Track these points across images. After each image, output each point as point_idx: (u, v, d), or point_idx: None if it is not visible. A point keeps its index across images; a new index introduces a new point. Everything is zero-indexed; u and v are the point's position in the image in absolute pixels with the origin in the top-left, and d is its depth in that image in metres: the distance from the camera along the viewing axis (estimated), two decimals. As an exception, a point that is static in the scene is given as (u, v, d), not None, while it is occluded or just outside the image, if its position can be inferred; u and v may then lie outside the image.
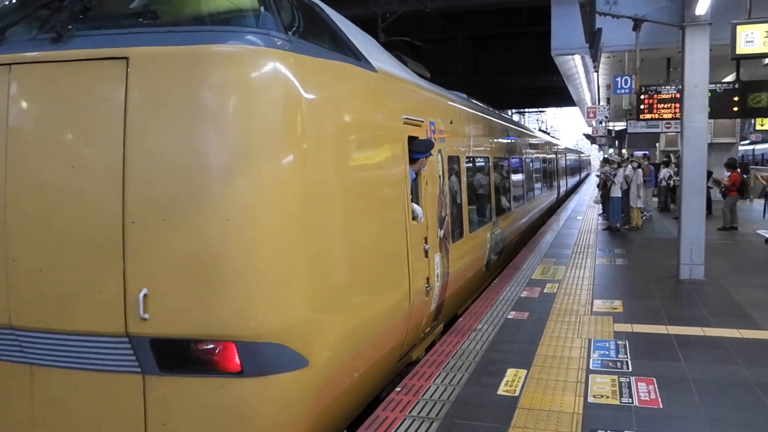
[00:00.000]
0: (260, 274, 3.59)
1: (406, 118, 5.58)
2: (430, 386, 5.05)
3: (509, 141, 13.04)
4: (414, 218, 5.49)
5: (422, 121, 6.07)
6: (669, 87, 13.45)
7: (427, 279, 5.88)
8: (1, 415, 3.98)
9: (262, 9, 3.93)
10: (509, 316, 7.19)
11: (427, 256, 5.86)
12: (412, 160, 5.62)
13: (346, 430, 4.81)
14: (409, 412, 4.56)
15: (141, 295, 3.52)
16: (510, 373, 5.32)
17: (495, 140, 11.24)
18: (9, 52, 3.80)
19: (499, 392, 4.92)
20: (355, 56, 4.80)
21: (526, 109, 57.82)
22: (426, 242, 5.87)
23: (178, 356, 3.64)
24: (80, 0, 3.90)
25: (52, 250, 3.68)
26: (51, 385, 3.84)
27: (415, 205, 5.60)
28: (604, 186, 16.70)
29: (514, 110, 51.86)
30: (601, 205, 18.66)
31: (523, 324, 6.90)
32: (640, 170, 16.17)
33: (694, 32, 8.89)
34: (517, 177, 13.51)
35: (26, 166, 3.72)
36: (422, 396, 4.86)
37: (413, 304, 5.38)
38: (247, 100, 3.60)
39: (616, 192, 15.28)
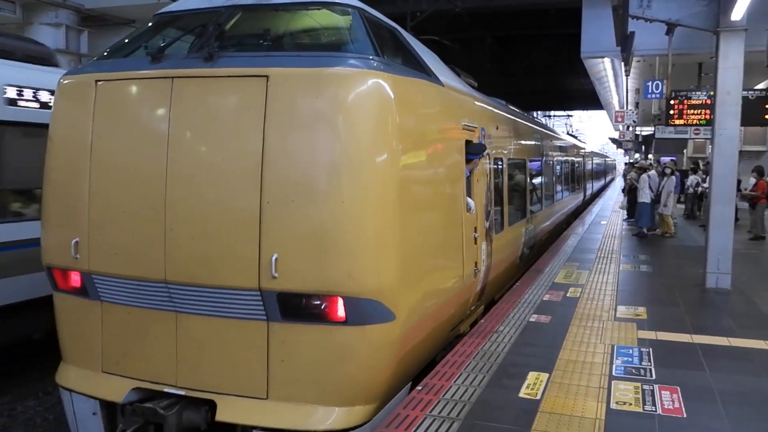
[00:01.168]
0: (365, 246, 4.43)
1: (464, 125, 6.41)
2: (451, 386, 5.06)
3: (542, 145, 13.61)
4: (468, 210, 6.36)
5: (476, 127, 6.87)
6: (699, 93, 13.27)
7: (475, 263, 6.67)
8: (152, 352, 4.88)
9: (363, 37, 4.94)
10: (531, 319, 7.16)
11: (475, 243, 6.68)
12: (467, 161, 6.43)
13: (411, 382, 5.50)
14: (430, 411, 4.57)
15: (273, 258, 4.34)
16: (531, 376, 5.31)
17: (530, 144, 11.96)
18: (169, 68, 4.73)
19: (521, 395, 4.91)
20: (427, 73, 5.65)
21: (553, 112, 57.30)
22: (475, 231, 6.69)
23: (297, 307, 4.49)
24: (219, 26, 4.95)
25: (202, 222, 4.54)
26: (192, 329, 4.74)
27: (468, 199, 6.45)
28: (630, 191, 16.47)
29: (540, 112, 51.41)
30: (626, 210, 18.44)
31: (546, 327, 6.87)
32: (673, 177, 15.87)
33: (728, 38, 8.74)
34: (548, 179, 14.17)
35: (184, 157, 4.60)
36: (443, 396, 4.87)
37: (464, 282, 6.23)
38: (355, 110, 4.45)
39: (645, 197, 15.06)
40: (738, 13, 8.41)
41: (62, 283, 5.21)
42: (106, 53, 5.42)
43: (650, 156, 32.16)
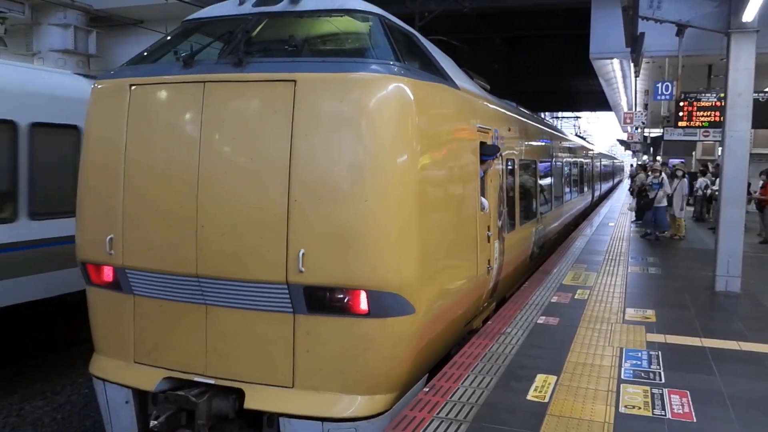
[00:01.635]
0: (387, 242, 4.62)
1: (479, 127, 6.57)
2: (458, 388, 5.03)
3: (552, 146, 13.73)
4: (481, 209, 6.51)
5: (489, 129, 7.04)
6: (709, 94, 13.19)
7: (488, 261, 6.82)
8: (182, 343, 5.09)
9: (383, 43, 5.18)
10: (539, 321, 7.12)
11: (489, 241, 6.85)
12: (482, 162, 6.58)
13: (428, 374, 5.69)
14: (437, 413, 4.55)
15: (300, 253, 4.55)
16: (539, 378, 5.27)
17: (541, 145, 12.14)
18: (201, 73, 4.95)
19: (529, 398, 4.88)
20: (444, 77, 5.85)
21: (561, 113, 57.11)
22: (489, 230, 6.84)
23: (322, 300, 4.70)
24: (247, 32, 5.19)
25: (232, 219, 4.75)
26: (222, 321, 4.95)
27: (482, 198, 6.62)
28: (640, 194, 16.28)
29: (547, 113, 51.22)
30: (635, 212, 18.27)
31: (554, 329, 6.83)
32: (685, 180, 15.68)
33: (740, 39, 8.66)
34: (557, 180, 14.28)
35: (215, 157, 4.81)
36: (450, 398, 4.84)
37: (478, 279, 6.39)
38: (378, 113, 4.65)
39: (663, 201, 14.85)
40: (750, 14, 8.33)
41: (96, 277, 5.43)
42: (134, 59, 5.66)
43: (658, 158, 32.00)
